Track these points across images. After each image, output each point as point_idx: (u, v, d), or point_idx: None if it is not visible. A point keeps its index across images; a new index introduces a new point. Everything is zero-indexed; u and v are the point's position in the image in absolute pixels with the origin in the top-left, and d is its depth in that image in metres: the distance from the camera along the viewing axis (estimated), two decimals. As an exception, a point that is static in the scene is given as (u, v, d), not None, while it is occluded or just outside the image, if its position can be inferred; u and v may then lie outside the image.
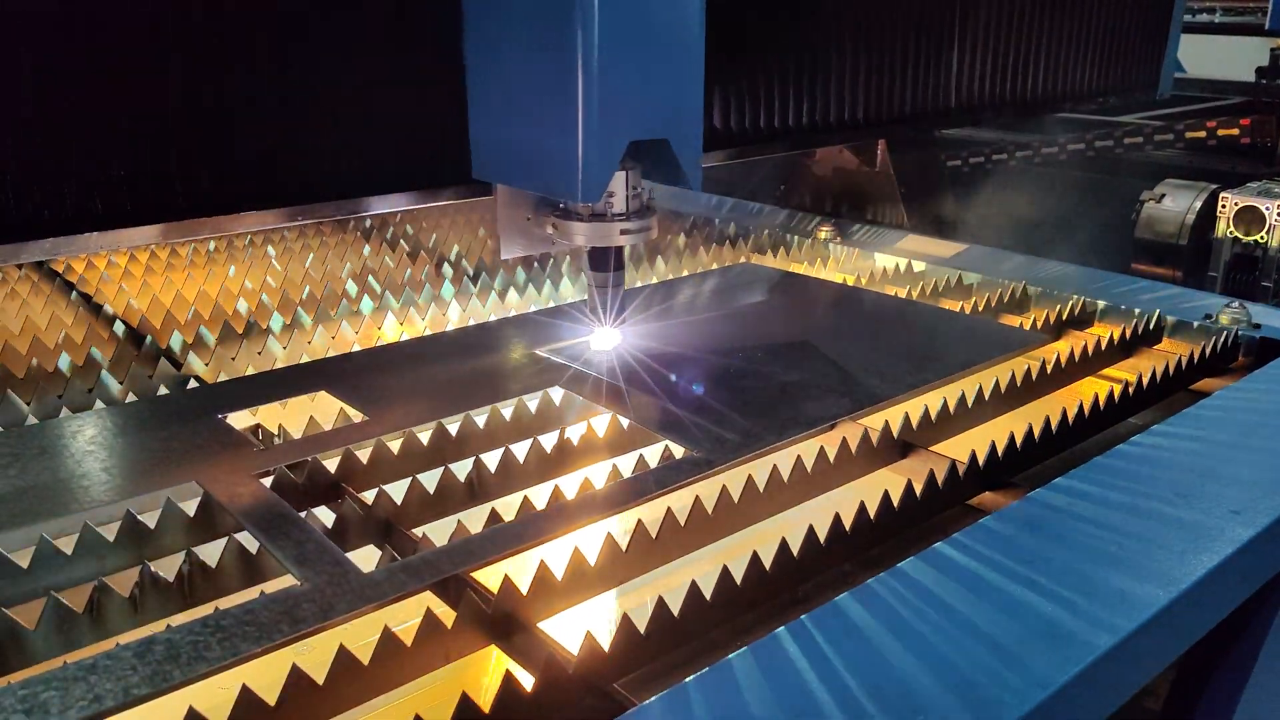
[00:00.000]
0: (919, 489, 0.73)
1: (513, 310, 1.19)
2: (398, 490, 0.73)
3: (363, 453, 0.78)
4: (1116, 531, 0.66)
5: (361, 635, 0.57)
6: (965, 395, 0.88)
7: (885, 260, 1.36)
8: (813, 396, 0.88)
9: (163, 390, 0.94)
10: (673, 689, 0.51)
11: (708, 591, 0.61)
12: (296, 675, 0.52)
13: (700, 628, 0.61)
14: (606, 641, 0.56)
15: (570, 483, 0.75)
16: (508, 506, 0.71)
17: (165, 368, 0.97)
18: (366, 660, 0.54)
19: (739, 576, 0.62)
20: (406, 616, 0.59)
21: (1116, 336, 1.05)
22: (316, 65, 0.91)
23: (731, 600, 0.62)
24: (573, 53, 0.78)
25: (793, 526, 0.69)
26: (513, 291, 1.21)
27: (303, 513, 0.69)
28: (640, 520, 0.67)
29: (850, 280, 1.29)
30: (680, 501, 0.71)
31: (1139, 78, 1.83)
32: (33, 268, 1.25)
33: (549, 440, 0.81)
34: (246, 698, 0.51)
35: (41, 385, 0.90)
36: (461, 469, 0.76)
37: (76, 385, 0.91)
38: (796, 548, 0.66)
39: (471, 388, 0.90)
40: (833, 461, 0.77)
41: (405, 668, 0.57)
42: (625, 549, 0.65)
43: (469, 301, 1.17)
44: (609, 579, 0.65)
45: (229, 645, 0.55)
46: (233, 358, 1.00)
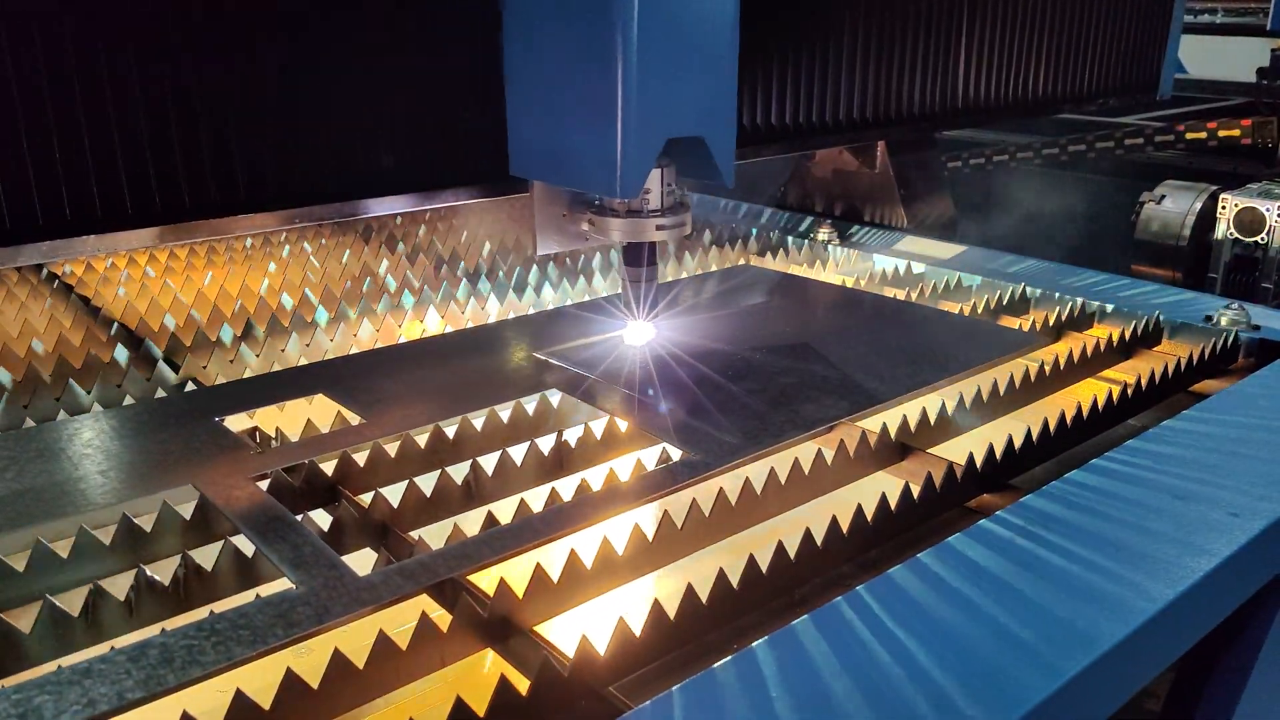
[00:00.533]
0: (917, 491, 0.73)
1: (512, 313, 1.18)
2: (394, 493, 0.73)
3: (359, 456, 0.78)
4: (1115, 533, 0.66)
5: (357, 638, 0.57)
6: (964, 397, 0.88)
7: (884, 262, 1.36)
8: (811, 398, 0.87)
9: (160, 393, 0.94)
10: (668, 692, 0.51)
11: (704, 595, 0.61)
12: (291, 679, 0.52)
13: (696, 631, 0.61)
14: (602, 645, 0.56)
15: (567, 486, 0.75)
16: (504, 510, 0.71)
17: (163, 370, 0.97)
18: (361, 664, 0.54)
19: (736, 579, 0.62)
20: (402, 620, 0.59)
21: (1116, 338, 1.05)
22: (347, 66, 0.91)
23: (728, 603, 0.62)
24: (613, 51, 0.79)
25: (790, 529, 0.69)
26: (512, 294, 1.21)
27: (299, 516, 0.69)
28: (637, 523, 0.67)
29: (849, 282, 1.29)
30: (677, 504, 0.71)
31: (1139, 79, 1.82)
32: (31, 270, 1.25)
33: (546, 443, 0.81)
34: (241, 702, 0.50)
35: (39, 388, 0.90)
36: (458, 472, 0.76)
37: (74, 388, 0.91)
38: (794, 550, 0.65)
39: (469, 390, 0.90)
40: (830, 464, 0.77)
41: (400, 671, 0.57)
42: (621, 552, 0.65)
43: (468, 304, 1.17)
44: (605, 582, 0.65)
45: (223, 649, 0.55)
46: (230, 360, 1.00)
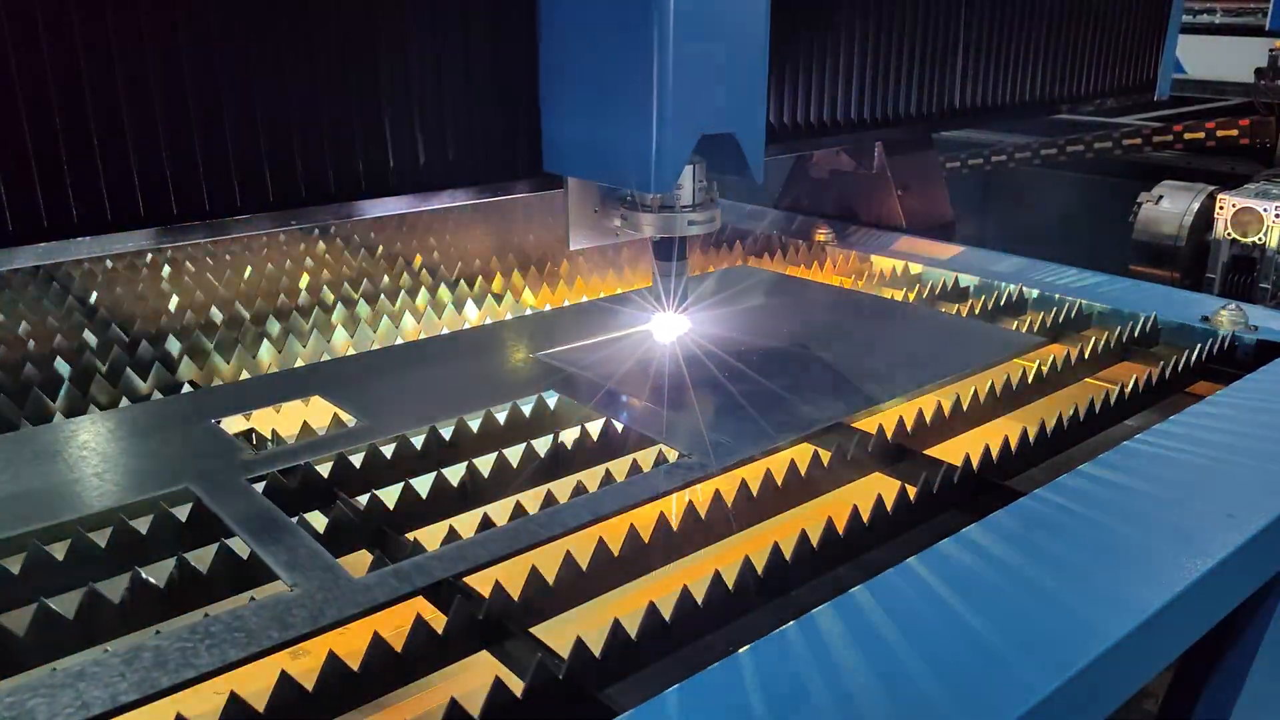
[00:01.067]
0: (913, 493, 0.73)
1: (509, 314, 1.18)
2: (390, 495, 0.73)
3: (355, 457, 0.78)
4: (1112, 534, 0.66)
5: (353, 641, 0.57)
6: (961, 399, 0.88)
7: (882, 263, 1.36)
8: (808, 400, 0.87)
9: (156, 395, 0.94)
10: (663, 694, 0.51)
11: (700, 597, 0.60)
12: (286, 681, 0.52)
13: (692, 633, 0.61)
14: (597, 647, 0.56)
15: (563, 487, 0.75)
16: (500, 511, 0.71)
17: (159, 372, 0.96)
18: (357, 666, 0.54)
19: (731, 582, 0.62)
20: (398, 622, 0.59)
21: (1114, 339, 1.05)
22: (375, 65, 0.91)
23: (724, 606, 0.62)
24: (648, 48, 0.80)
25: (786, 531, 0.68)
26: (510, 296, 1.21)
27: (295, 518, 0.69)
28: (632, 525, 0.67)
29: (847, 283, 1.29)
30: (673, 506, 0.70)
31: (1137, 79, 1.82)
32: (28, 272, 1.24)
33: (542, 445, 0.81)
34: (235, 705, 0.50)
35: (35, 390, 0.90)
36: (454, 474, 0.76)
37: (70, 390, 0.91)
38: (790, 552, 0.65)
39: (465, 392, 0.90)
40: (827, 465, 0.77)
41: (396, 673, 0.57)
42: (617, 554, 0.65)
43: (465, 306, 1.17)
44: (600, 584, 0.65)
45: (218, 652, 0.55)
46: (227, 362, 1.00)
